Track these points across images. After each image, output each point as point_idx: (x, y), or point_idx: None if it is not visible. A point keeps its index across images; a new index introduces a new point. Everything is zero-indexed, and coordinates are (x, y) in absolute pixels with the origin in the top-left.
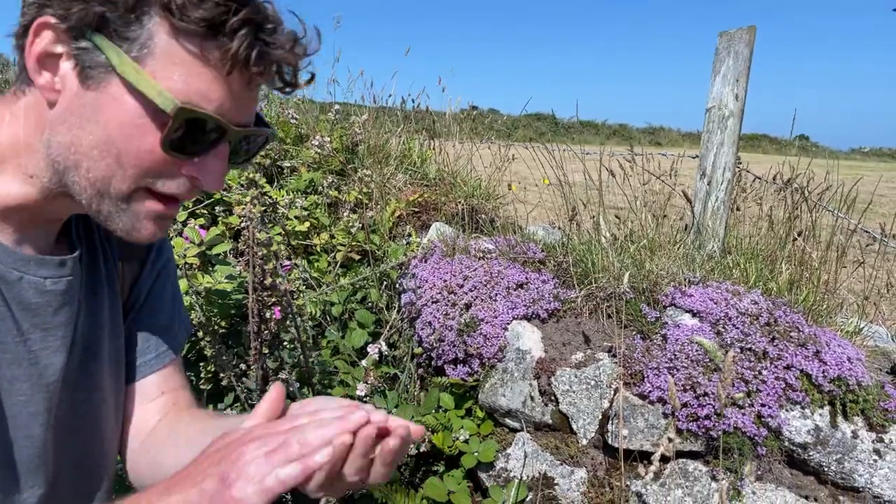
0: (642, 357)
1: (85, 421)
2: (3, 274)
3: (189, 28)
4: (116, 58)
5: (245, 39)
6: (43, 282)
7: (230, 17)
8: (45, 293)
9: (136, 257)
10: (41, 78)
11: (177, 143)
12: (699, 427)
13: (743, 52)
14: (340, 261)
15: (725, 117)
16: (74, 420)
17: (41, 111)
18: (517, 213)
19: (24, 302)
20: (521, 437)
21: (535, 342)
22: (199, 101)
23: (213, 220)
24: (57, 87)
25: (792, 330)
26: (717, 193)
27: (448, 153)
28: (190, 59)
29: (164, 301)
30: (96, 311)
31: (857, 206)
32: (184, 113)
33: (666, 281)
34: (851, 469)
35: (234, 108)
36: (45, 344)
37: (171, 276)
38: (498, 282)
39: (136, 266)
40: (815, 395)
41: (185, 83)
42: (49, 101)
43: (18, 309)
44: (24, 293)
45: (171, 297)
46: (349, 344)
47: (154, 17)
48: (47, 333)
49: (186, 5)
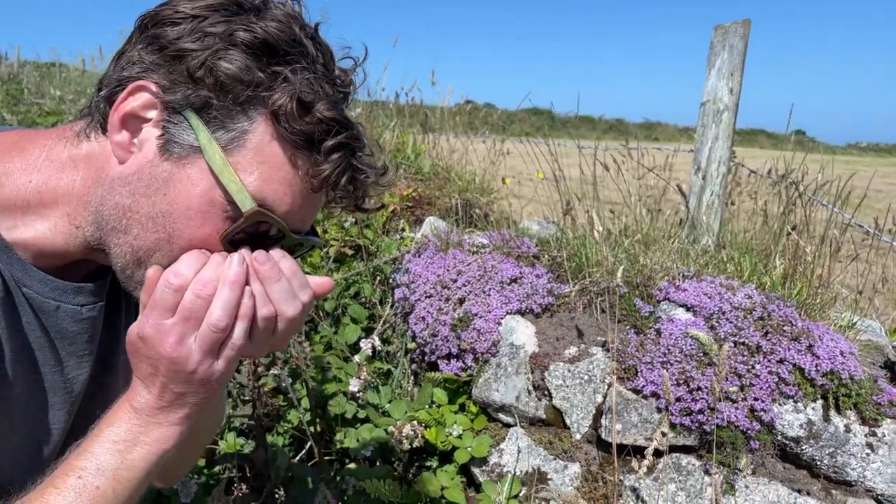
0: (636, 352)
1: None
2: (41, 304)
3: (289, 137)
4: (207, 143)
5: (339, 164)
6: (80, 310)
7: (329, 138)
8: (82, 321)
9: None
10: (119, 135)
11: (236, 239)
12: (692, 421)
13: (738, 45)
14: (333, 255)
15: (720, 111)
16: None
17: (105, 165)
18: (511, 208)
19: (62, 331)
20: (515, 432)
21: (529, 337)
22: (272, 204)
23: None
24: (132, 149)
25: (785, 324)
26: (711, 188)
27: (442, 147)
28: (278, 164)
29: None
30: (114, 326)
31: (851, 200)
32: (257, 216)
33: (660, 275)
34: (844, 463)
35: (300, 216)
36: (80, 371)
37: None
38: (492, 276)
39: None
40: (808, 389)
41: (265, 183)
42: (118, 157)
43: (57, 338)
44: (61, 322)
45: None
46: (342, 339)
47: (258, 117)
48: (81, 360)
49: (293, 117)
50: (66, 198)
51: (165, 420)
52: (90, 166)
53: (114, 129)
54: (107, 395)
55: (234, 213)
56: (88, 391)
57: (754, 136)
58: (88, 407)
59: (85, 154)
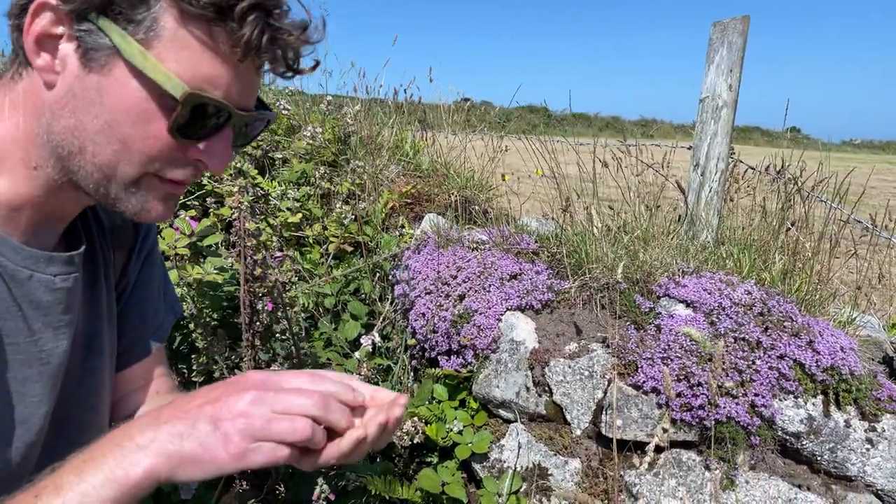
0: (636, 347)
1: (88, 418)
2: (13, 272)
3: (197, 12)
4: (122, 41)
5: (256, 25)
6: (53, 279)
7: (239, 2)
8: (56, 291)
9: (126, 245)
10: (39, 59)
11: (184, 128)
12: (693, 417)
13: (737, 41)
14: (333, 252)
15: (719, 107)
16: (78, 417)
17: (39, 93)
18: (510, 205)
19: (35, 301)
20: (515, 428)
21: (529, 333)
22: (206, 87)
23: (205, 212)
24: (56, 69)
25: (785, 320)
26: (710, 184)
27: (441, 144)
28: (198, 45)
29: (152, 289)
30: (95, 304)
31: (849, 197)
32: (193, 98)
33: (660, 271)
34: (844, 458)
35: (240, 92)
36: (56, 343)
37: (158, 260)
38: (492, 273)
39: (125, 253)
40: (809, 385)
41: (193, 68)
42: (47, 82)
43: (30, 308)
44: (34, 291)
45: (157, 283)
46: (342, 335)
47: (161, 1)
48: (57, 332)
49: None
50: (15, 144)
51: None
52: (27, 103)
53: (33, 54)
54: (96, 378)
55: (171, 103)
56: (75, 374)
57: (749, 134)
58: (78, 393)
59: (21, 93)
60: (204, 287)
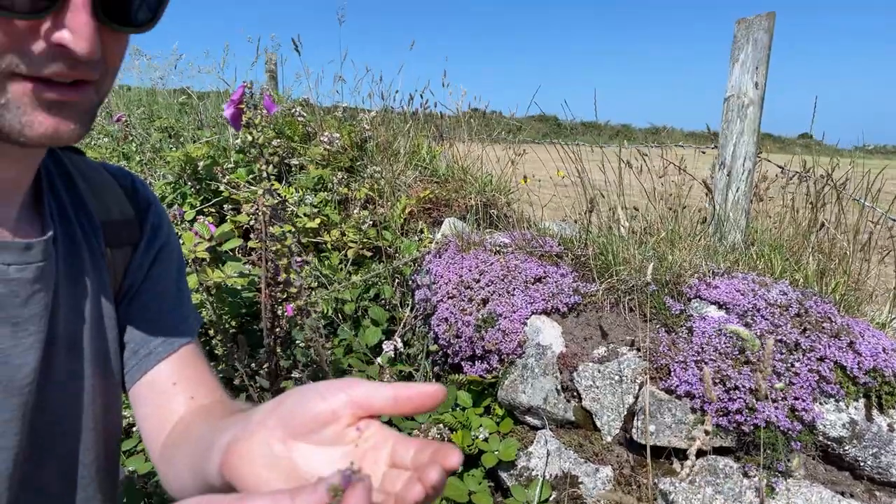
0: (668, 351)
1: (71, 427)
2: None
3: None
4: None
5: None
6: (6, 269)
7: None
8: (10, 282)
9: (128, 241)
10: None
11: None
12: (730, 422)
13: (762, 38)
14: (352, 258)
15: (745, 105)
16: (59, 427)
17: None
18: (532, 208)
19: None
20: (543, 435)
21: (556, 337)
22: None
23: (222, 220)
24: None
25: (824, 321)
26: (738, 184)
27: (458, 150)
28: None
29: (167, 283)
30: (78, 301)
31: (882, 195)
32: None
33: (689, 273)
34: (889, 463)
35: None
36: (16, 341)
37: (175, 258)
38: (515, 276)
39: (129, 250)
40: (850, 388)
41: None
42: None
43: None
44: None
45: (175, 279)
46: (363, 342)
47: None
48: (17, 328)
49: None
50: None
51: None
52: None
53: None
54: (79, 384)
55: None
56: (55, 379)
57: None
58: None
59: None
60: (223, 293)
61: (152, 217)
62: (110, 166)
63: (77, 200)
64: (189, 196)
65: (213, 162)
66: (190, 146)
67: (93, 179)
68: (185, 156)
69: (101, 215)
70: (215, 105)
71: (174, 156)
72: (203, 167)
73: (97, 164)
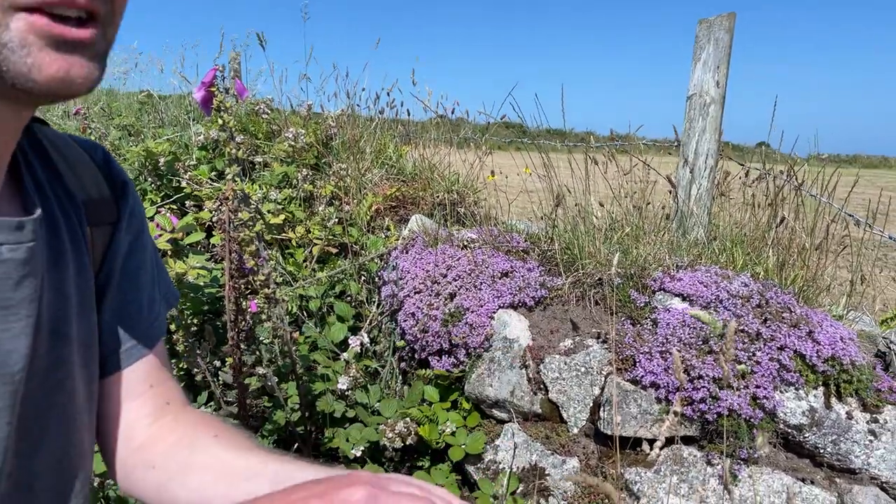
0: (633, 342)
1: (59, 417)
2: None
3: None
4: None
5: None
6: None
7: None
8: (2, 263)
9: (107, 220)
10: None
11: None
12: (694, 411)
13: (723, 38)
14: (317, 255)
15: (707, 104)
16: (47, 417)
17: None
18: (499, 204)
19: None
20: (510, 428)
21: (523, 330)
22: None
23: (183, 216)
24: None
25: (784, 311)
26: (700, 181)
27: (425, 149)
28: None
29: (145, 271)
30: (60, 284)
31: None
32: None
33: (653, 266)
34: (847, 450)
35: None
36: (6, 325)
37: (149, 243)
38: (482, 271)
39: (108, 230)
40: (810, 376)
41: None
42: None
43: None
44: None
45: (151, 266)
46: (329, 338)
47: None
48: (8, 312)
49: None
50: None
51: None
52: None
53: None
54: (67, 370)
55: None
56: (41, 366)
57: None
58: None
59: None
60: (185, 288)
61: (130, 199)
62: (77, 138)
63: (54, 176)
64: (150, 192)
65: (175, 158)
66: (150, 142)
67: (67, 154)
68: (145, 151)
69: (79, 193)
70: (177, 104)
71: (134, 151)
72: (164, 163)
73: (65, 135)
